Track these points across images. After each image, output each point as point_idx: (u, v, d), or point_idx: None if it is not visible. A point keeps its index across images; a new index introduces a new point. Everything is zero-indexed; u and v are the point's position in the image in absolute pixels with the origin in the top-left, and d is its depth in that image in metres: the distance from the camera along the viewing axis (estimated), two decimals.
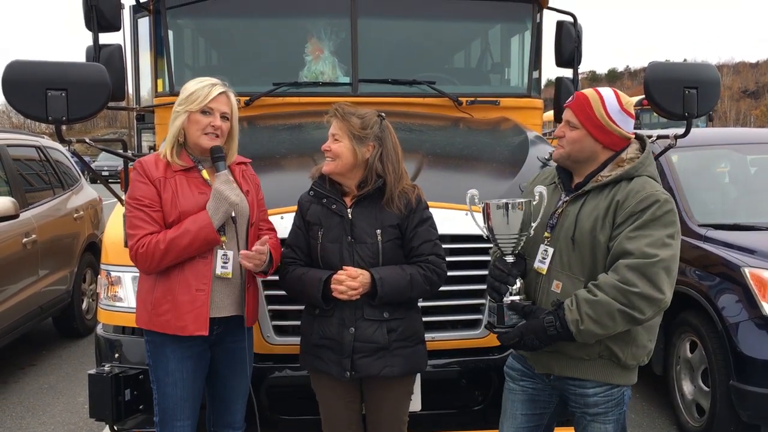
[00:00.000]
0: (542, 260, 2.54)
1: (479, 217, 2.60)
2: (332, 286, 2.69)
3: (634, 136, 2.54)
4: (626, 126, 2.50)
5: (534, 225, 2.54)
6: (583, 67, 5.41)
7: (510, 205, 2.49)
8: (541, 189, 2.56)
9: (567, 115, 2.54)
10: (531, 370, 2.66)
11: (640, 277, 2.26)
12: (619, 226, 2.37)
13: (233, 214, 2.82)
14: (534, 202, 2.55)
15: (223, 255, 2.82)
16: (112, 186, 3.75)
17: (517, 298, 2.52)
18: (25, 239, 5.70)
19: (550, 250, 2.52)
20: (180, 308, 2.74)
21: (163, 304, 2.75)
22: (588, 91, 2.53)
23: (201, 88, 2.81)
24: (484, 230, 2.59)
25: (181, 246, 2.70)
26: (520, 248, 2.58)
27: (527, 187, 2.75)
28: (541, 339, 2.39)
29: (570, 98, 2.57)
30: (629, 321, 2.31)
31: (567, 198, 2.55)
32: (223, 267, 2.82)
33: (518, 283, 2.54)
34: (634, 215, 2.34)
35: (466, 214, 2.73)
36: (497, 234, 2.54)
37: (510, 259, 2.57)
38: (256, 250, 2.75)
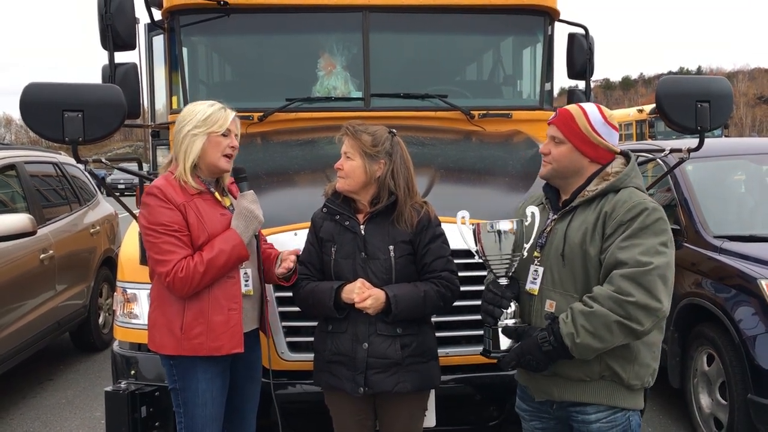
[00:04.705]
0: (533, 281, 2.51)
1: (470, 238, 2.58)
2: (355, 302, 2.69)
3: (619, 150, 2.52)
4: (611, 138, 2.49)
5: (527, 246, 2.52)
6: (597, 75, 5.43)
7: (500, 226, 2.47)
8: (533, 209, 2.54)
9: (551, 131, 2.53)
10: (535, 406, 2.61)
11: (636, 286, 2.21)
12: (609, 237, 2.34)
13: (257, 232, 2.92)
14: (526, 223, 2.53)
15: (245, 273, 2.91)
16: (127, 199, 3.79)
17: (512, 321, 2.47)
18: (42, 255, 5.76)
19: (541, 270, 2.49)
20: (215, 329, 2.77)
21: (195, 327, 2.76)
22: (571, 107, 2.53)
23: (216, 110, 2.84)
24: (476, 252, 2.58)
25: (217, 266, 2.74)
26: (513, 270, 2.55)
27: (518, 210, 2.72)
28: (538, 358, 2.34)
29: (553, 115, 2.56)
30: (628, 333, 2.25)
31: (555, 216, 2.54)
32: (245, 285, 2.91)
33: (513, 306, 2.49)
34: (623, 225, 2.31)
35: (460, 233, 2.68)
36: (488, 256, 2.52)
37: (503, 281, 2.54)
38: (291, 253, 2.91)
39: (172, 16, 4.59)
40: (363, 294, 2.68)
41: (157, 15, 4.83)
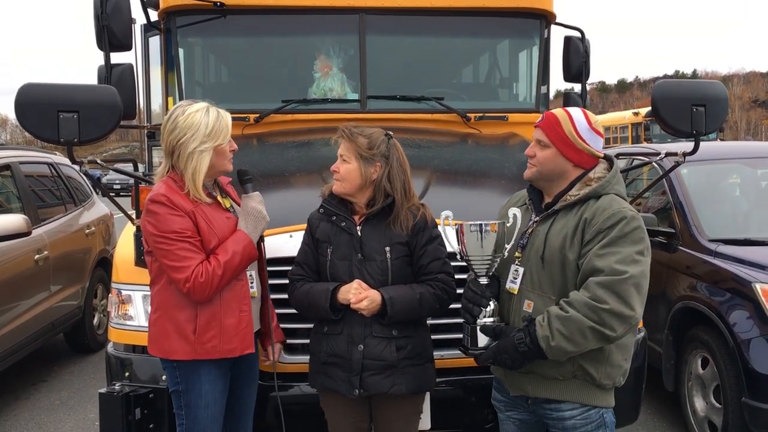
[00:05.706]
0: (513, 280, 2.57)
1: (453, 238, 2.63)
2: (351, 302, 2.69)
3: (603, 155, 2.57)
4: (595, 144, 2.54)
5: (508, 247, 2.57)
6: (593, 78, 5.41)
7: (483, 227, 2.52)
8: (515, 211, 2.60)
9: (537, 134, 2.57)
10: (511, 399, 2.66)
11: (611, 294, 2.27)
12: (587, 244, 2.39)
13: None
14: (508, 224, 2.58)
15: (250, 276, 2.93)
16: (123, 200, 3.77)
17: (490, 320, 2.53)
18: (37, 256, 5.74)
19: (521, 270, 2.55)
20: (228, 331, 2.78)
21: (208, 330, 2.76)
22: (557, 111, 2.58)
23: (215, 120, 2.81)
24: (458, 252, 2.62)
25: (232, 267, 2.75)
26: (494, 270, 2.60)
27: (501, 210, 2.78)
28: (513, 357, 2.40)
29: (540, 118, 2.61)
30: (601, 338, 2.31)
31: (537, 218, 2.59)
32: (251, 287, 2.92)
33: (492, 305, 2.55)
34: (602, 232, 2.36)
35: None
36: (470, 255, 2.57)
37: (484, 280, 2.59)
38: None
39: (168, 16, 4.58)
40: (359, 295, 2.68)
41: (154, 16, 4.83)
